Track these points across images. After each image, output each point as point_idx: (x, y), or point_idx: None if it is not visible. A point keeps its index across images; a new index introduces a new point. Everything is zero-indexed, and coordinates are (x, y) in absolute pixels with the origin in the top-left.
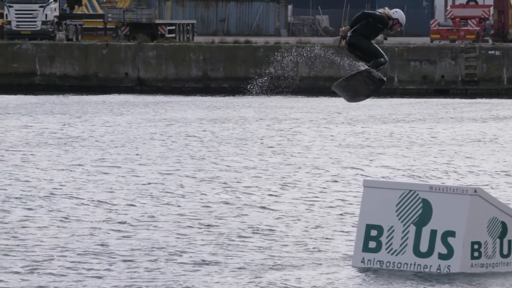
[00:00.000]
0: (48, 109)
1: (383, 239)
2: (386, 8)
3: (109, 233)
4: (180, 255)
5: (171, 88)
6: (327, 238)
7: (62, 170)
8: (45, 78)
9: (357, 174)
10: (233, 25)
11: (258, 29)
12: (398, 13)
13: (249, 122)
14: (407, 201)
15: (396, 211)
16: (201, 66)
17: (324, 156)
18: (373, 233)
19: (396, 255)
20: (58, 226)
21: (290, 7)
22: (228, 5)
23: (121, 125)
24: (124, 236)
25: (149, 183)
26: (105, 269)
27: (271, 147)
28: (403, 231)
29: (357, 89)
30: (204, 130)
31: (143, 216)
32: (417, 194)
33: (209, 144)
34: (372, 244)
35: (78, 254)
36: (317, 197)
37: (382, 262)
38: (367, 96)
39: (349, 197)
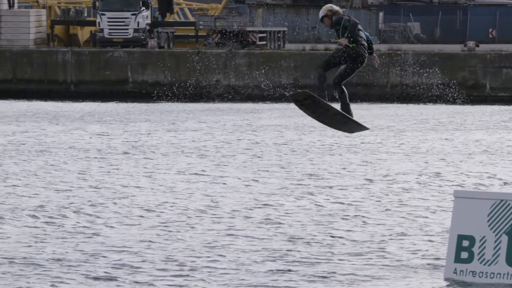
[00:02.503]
0: (143, 117)
1: (475, 249)
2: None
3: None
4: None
5: (262, 96)
6: (412, 248)
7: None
8: (137, 86)
9: (444, 181)
10: (324, 32)
11: None
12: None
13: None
14: (499, 211)
15: (488, 221)
16: (291, 73)
17: (410, 163)
18: (465, 243)
19: (489, 265)
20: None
21: (381, 14)
22: (319, 12)
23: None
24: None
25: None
26: None
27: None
28: (495, 241)
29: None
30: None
31: None
32: (509, 204)
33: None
34: (464, 255)
35: None
36: (402, 204)
37: (474, 273)
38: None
39: (435, 206)
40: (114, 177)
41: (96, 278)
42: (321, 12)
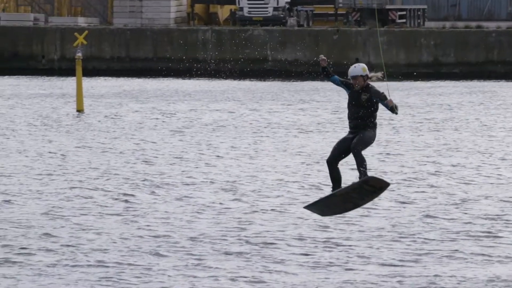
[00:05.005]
0: (283, 97)
1: None
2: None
3: None
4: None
5: (402, 74)
6: None
7: None
8: (276, 64)
9: None
10: (464, 10)
11: (490, 14)
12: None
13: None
14: None
15: None
16: (431, 51)
17: None
18: None
19: None
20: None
21: None
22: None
23: None
24: None
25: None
26: None
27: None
28: None
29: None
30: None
31: None
32: None
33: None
34: None
35: None
36: None
37: None
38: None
39: None
40: None
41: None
42: (359, 71)
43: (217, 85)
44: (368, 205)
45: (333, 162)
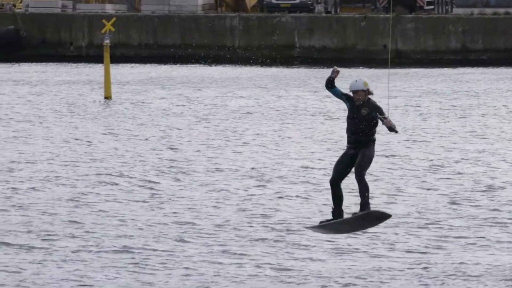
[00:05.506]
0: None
1: None
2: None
3: None
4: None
5: (429, 60)
6: None
7: None
8: (304, 51)
9: None
10: None
11: None
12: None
13: None
14: None
15: None
16: (459, 38)
17: None
18: None
19: None
20: None
21: None
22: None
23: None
24: None
25: None
26: None
27: None
28: None
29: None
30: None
31: None
32: None
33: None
34: None
35: None
36: None
37: None
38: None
39: None
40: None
41: None
42: (360, 85)
43: (244, 72)
44: (393, 191)
45: (336, 182)
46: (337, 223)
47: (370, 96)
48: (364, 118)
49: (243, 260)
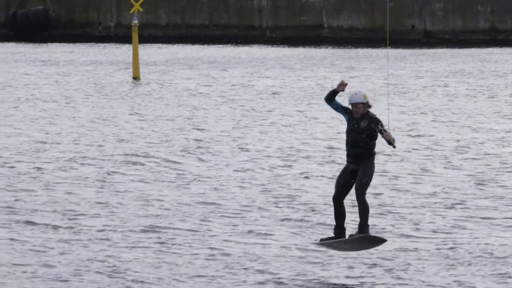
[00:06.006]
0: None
1: None
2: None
3: None
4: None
5: (458, 40)
6: None
7: None
8: (332, 31)
9: None
10: None
11: None
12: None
13: None
14: None
15: None
16: (488, 18)
17: None
18: None
19: None
20: None
21: None
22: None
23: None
24: None
25: None
26: None
27: None
28: None
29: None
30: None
31: None
32: None
33: None
34: None
35: None
36: None
37: None
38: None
39: None
40: None
41: None
42: (360, 98)
43: (272, 52)
44: (420, 172)
45: (339, 200)
46: (337, 242)
47: (369, 109)
48: (363, 130)
49: (268, 241)
